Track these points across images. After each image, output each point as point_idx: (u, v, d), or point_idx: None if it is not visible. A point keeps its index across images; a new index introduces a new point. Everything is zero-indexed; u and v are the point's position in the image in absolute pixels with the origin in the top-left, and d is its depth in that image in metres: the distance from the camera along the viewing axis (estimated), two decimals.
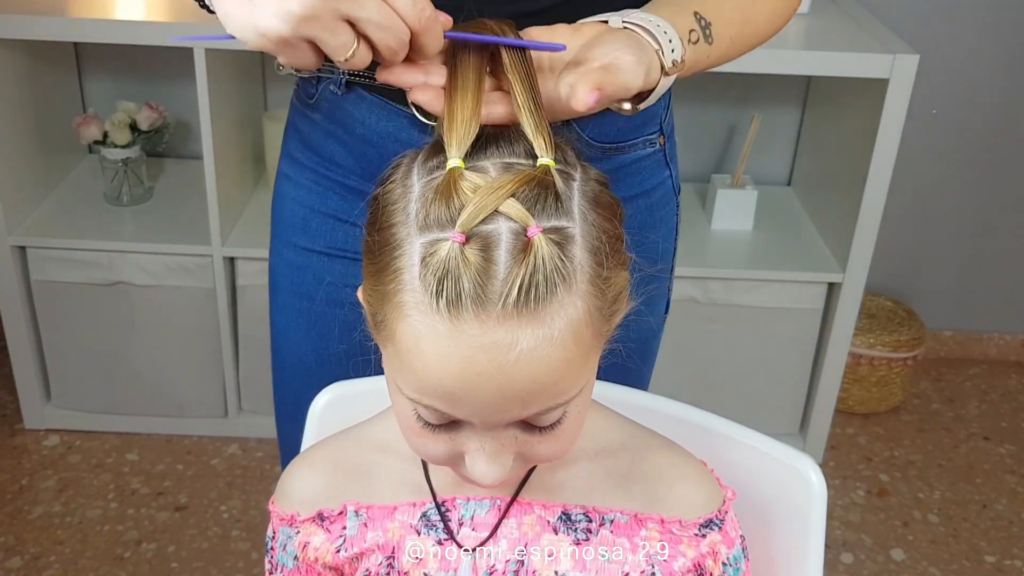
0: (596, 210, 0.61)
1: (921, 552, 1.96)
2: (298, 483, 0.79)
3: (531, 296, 0.56)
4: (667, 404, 0.90)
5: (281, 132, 2.33)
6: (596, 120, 0.88)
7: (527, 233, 0.57)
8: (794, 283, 2.00)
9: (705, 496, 0.75)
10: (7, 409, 2.20)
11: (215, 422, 2.15)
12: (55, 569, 1.81)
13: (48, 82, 2.09)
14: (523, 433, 0.62)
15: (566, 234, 0.58)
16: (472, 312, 0.55)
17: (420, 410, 0.61)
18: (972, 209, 2.41)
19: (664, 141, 0.96)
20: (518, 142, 0.63)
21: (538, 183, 0.59)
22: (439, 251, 0.56)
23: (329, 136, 0.94)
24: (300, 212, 0.99)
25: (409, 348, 0.58)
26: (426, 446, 0.64)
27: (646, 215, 0.96)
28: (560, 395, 0.60)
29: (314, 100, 0.94)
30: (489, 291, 0.55)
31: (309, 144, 0.96)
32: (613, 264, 0.61)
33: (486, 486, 0.64)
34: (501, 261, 0.56)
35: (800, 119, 2.29)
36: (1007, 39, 2.23)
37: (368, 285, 0.62)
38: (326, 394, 0.94)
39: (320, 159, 0.95)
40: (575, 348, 0.58)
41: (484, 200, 0.57)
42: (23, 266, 1.99)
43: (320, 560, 0.77)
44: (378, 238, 0.61)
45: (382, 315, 0.60)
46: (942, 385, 2.48)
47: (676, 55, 0.72)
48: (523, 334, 0.56)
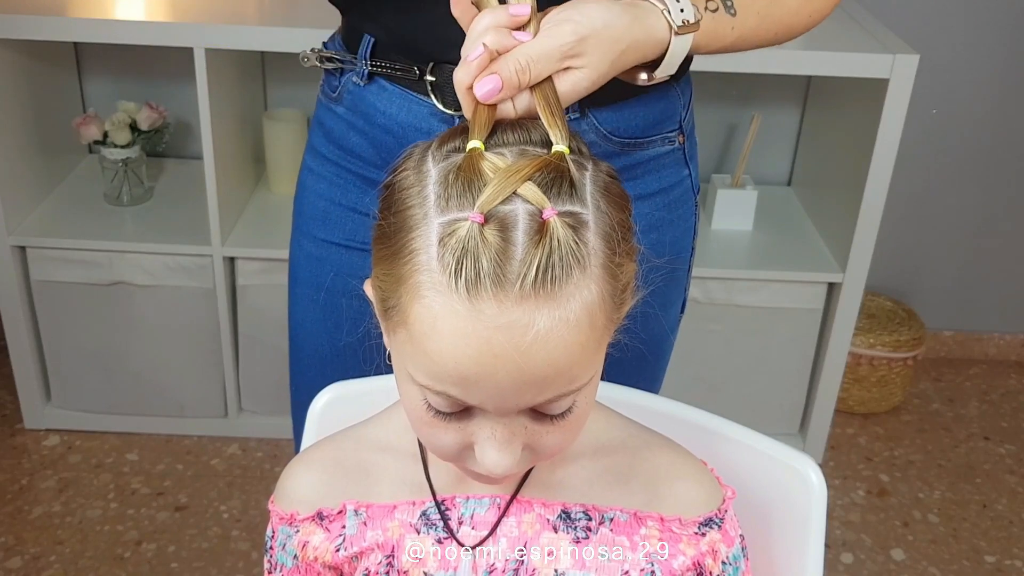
0: (608, 199, 0.62)
1: (921, 552, 1.96)
2: (297, 482, 0.78)
3: (548, 277, 0.56)
4: (667, 404, 0.90)
5: (281, 132, 2.34)
6: (614, 114, 0.88)
7: (542, 215, 0.57)
8: (794, 283, 2.00)
9: (705, 495, 0.75)
10: (7, 409, 2.20)
11: (215, 422, 2.15)
12: (55, 569, 1.81)
13: (48, 82, 2.09)
14: (532, 423, 0.62)
15: (580, 219, 0.59)
16: (491, 292, 0.56)
17: (431, 398, 0.61)
18: (972, 209, 2.41)
19: (684, 139, 0.96)
20: (533, 130, 0.64)
21: (554, 168, 0.60)
22: (458, 231, 0.57)
23: (351, 128, 0.95)
24: (321, 204, 1.00)
25: (424, 330, 0.58)
26: (435, 436, 0.64)
27: (664, 212, 0.96)
28: (573, 381, 0.60)
29: (337, 93, 0.95)
30: (507, 271, 0.56)
31: (332, 137, 0.98)
32: (624, 252, 0.62)
33: (496, 476, 0.64)
34: (519, 242, 0.56)
35: (800, 119, 2.29)
36: (1007, 39, 2.23)
37: (380, 271, 0.62)
38: (326, 394, 0.94)
39: (342, 152, 0.97)
40: (589, 332, 0.59)
41: (503, 182, 0.58)
42: (23, 266, 1.99)
43: (320, 559, 0.77)
44: (393, 221, 0.61)
45: (395, 299, 0.60)
46: (942, 385, 2.48)
47: (687, 15, 0.71)
48: (540, 315, 0.56)
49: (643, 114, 0.90)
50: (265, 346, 2.06)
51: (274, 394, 2.12)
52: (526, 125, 0.64)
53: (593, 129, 0.89)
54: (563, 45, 0.67)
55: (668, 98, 0.93)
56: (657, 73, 0.76)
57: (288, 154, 2.10)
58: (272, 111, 2.16)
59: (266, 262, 1.98)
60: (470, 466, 0.66)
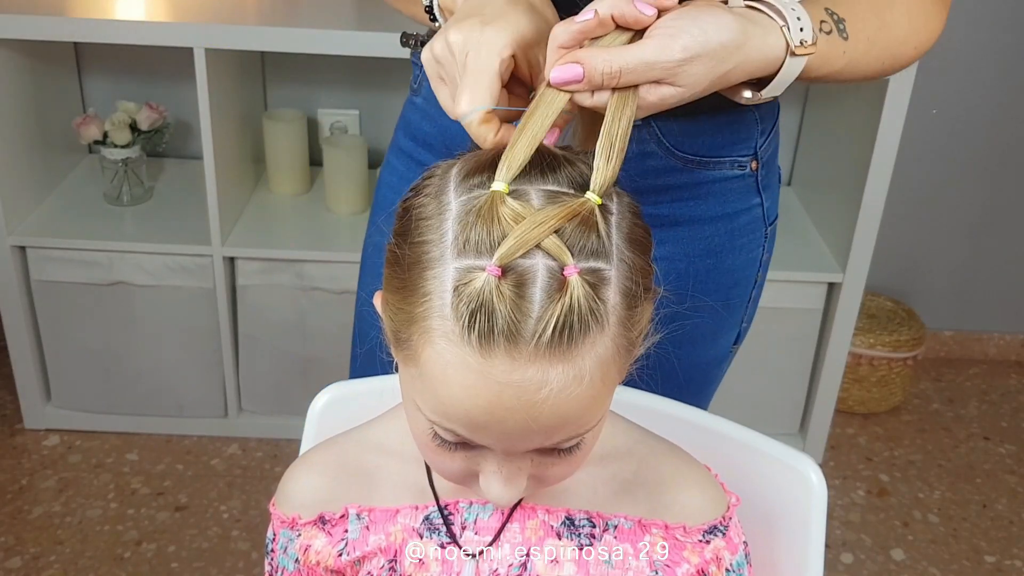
0: (631, 248, 0.59)
1: (921, 552, 1.96)
2: (299, 485, 0.78)
3: (564, 337, 0.54)
4: (668, 405, 0.90)
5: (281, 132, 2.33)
6: (681, 127, 0.83)
7: (563, 272, 0.55)
8: (794, 283, 2.00)
9: (709, 502, 0.75)
10: (7, 409, 2.20)
11: (215, 422, 2.15)
12: (55, 569, 1.81)
13: (48, 82, 2.08)
14: (539, 456, 0.62)
15: (602, 276, 0.57)
16: (504, 348, 0.54)
17: (439, 430, 0.60)
18: (972, 209, 2.41)
19: (757, 167, 0.90)
20: (562, 168, 0.60)
21: (582, 221, 0.56)
22: (474, 282, 0.55)
23: (425, 118, 0.94)
24: (391, 197, 0.99)
25: (435, 375, 0.57)
26: (441, 462, 0.64)
27: (725, 239, 0.91)
28: (582, 427, 0.60)
29: (417, 83, 0.94)
30: (523, 328, 0.54)
31: (409, 130, 0.97)
32: (642, 300, 0.59)
33: (499, 507, 0.63)
34: (536, 299, 0.54)
35: (800, 119, 2.28)
36: (1007, 39, 2.23)
37: (392, 299, 0.61)
38: (326, 394, 0.94)
39: (415, 143, 0.96)
40: (601, 386, 0.58)
41: (526, 235, 0.55)
42: (23, 266, 1.99)
43: (322, 563, 0.76)
44: (409, 252, 0.59)
45: (407, 335, 0.59)
46: (942, 385, 2.48)
47: (806, 35, 0.67)
48: (553, 373, 0.55)
49: (712, 132, 0.85)
50: (265, 346, 2.06)
51: (274, 394, 2.12)
52: (557, 159, 0.60)
53: (655, 139, 0.84)
54: (668, 62, 0.62)
55: (744, 121, 0.87)
56: (764, 93, 0.70)
57: (288, 154, 2.10)
58: (272, 111, 2.16)
59: (266, 262, 1.98)
60: (474, 491, 0.65)
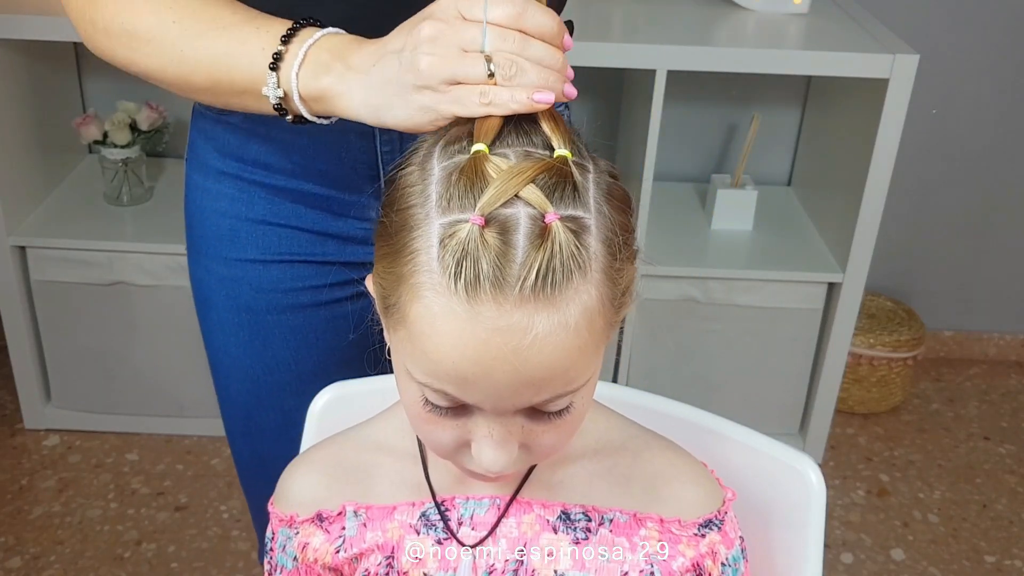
0: (610, 202, 0.62)
1: (921, 552, 1.96)
2: (297, 484, 0.78)
3: (548, 281, 0.56)
4: (667, 404, 0.90)
5: None
6: None
7: (544, 219, 0.57)
8: (794, 283, 2.00)
9: (705, 496, 0.75)
10: (7, 409, 2.20)
11: (215, 422, 2.14)
12: (55, 569, 1.81)
13: (48, 82, 2.09)
14: (529, 422, 0.63)
15: (582, 223, 0.59)
16: (490, 294, 0.56)
17: (429, 394, 0.61)
18: (972, 209, 2.41)
19: None
20: (535, 134, 0.63)
21: (557, 172, 0.59)
22: (458, 233, 0.57)
23: (251, 136, 0.91)
24: (225, 223, 0.96)
25: (423, 330, 0.58)
26: (433, 433, 0.65)
27: None
28: (571, 382, 0.61)
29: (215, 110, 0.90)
30: (507, 274, 0.56)
31: (227, 150, 0.94)
32: (624, 256, 0.61)
33: (492, 474, 0.64)
34: (519, 245, 0.56)
35: (800, 119, 2.29)
36: (1007, 39, 2.23)
37: (381, 268, 0.62)
38: (325, 394, 0.94)
39: (242, 164, 0.93)
40: (587, 336, 0.59)
41: (505, 184, 0.58)
42: (23, 266, 1.99)
43: (320, 561, 0.77)
44: (395, 219, 0.61)
45: (395, 297, 0.60)
46: (942, 385, 2.48)
47: None
48: (539, 318, 0.56)
49: None
50: None
51: None
52: (528, 128, 0.64)
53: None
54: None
55: None
56: None
57: None
58: None
59: None
60: (467, 464, 0.66)
